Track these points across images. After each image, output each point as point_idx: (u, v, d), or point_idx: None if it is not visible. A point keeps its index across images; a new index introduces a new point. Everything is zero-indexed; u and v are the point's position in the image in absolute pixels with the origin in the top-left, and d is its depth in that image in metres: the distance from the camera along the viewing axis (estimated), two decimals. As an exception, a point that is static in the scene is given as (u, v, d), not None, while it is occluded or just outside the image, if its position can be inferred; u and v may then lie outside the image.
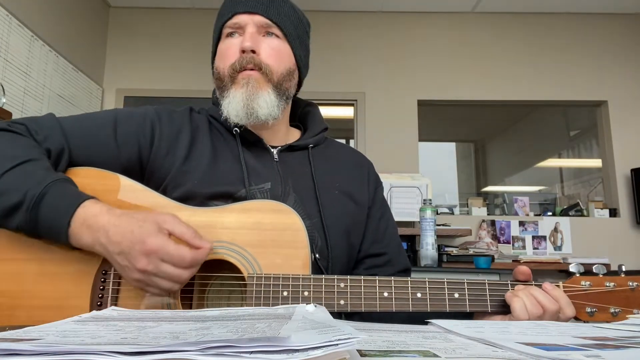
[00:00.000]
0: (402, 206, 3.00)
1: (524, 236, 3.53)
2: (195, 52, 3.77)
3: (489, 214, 3.66)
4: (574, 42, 3.83)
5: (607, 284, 0.74)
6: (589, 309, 0.73)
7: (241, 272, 0.72)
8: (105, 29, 3.84)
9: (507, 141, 5.32)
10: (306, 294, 0.70)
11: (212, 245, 0.68)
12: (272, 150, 0.92)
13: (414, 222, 3.07)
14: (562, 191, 4.76)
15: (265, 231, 0.74)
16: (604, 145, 3.74)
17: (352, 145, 3.69)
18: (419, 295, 0.72)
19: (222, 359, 0.29)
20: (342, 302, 0.71)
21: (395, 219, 1.03)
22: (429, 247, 2.30)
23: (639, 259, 3.44)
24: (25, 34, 2.78)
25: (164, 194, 0.80)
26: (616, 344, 0.41)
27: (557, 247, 3.49)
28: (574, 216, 3.59)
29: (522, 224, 3.55)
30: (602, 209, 3.55)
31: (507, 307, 0.72)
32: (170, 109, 0.93)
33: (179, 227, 0.67)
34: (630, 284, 0.74)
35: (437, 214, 2.70)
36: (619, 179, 3.59)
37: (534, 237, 3.52)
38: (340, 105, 3.90)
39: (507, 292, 0.73)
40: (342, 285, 0.71)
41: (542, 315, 0.69)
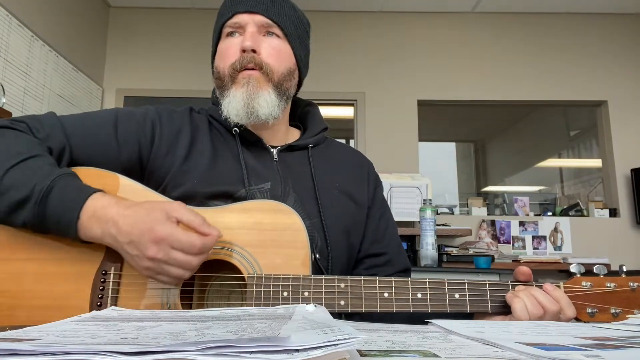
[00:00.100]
0: (402, 206, 3.00)
1: (524, 236, 3.53)
2: (195, 52, 3.77)
3: (489, 214, 3.66)
4: (574, 42, 3.84)
5: (608, 285, 0.74)
6: (589, 310, 0.73)
7: (241, 273, 0.72)
8: (105, 29, 3.84)
9: (507, 141, 5.32)
10: (306, 294, 0.70)
11: (221, 232, 0.68)
12: (271, 150, 0.92)
13: (414, 222, 3.07)
14: (562, 191, 4.76)
15: (265, 231, 0.74)
16: (604, 145, 3.74)
17: (352, 145, 3.69)
18: (420, 295, 0.72)
19: (222, 359, 0.29)
20: (343, 302, 0.71)
21: (395, 219, 1.03)
22: (429, 247, 2.30)
23: (639, 259, 3.44)
24: (25, 34, 2.78)
25: (164, 193, 0.80)
26: (616, 344, 0.41)
27: (557, 247, 3.49)
28: (574, 216, 3.59)
29: (522, 224, 3.55)
30: (602, 209, 3.55)
31: (507, 308, 0.71)
32: (170, 108, 0.93)
33: (187, 215, 0.67)
34: (631, 284, 0.74)
35: (437, 214, 2.70)
36: (619, 179, 3.59)
37: (534, 237, 3.52)
38: (340, 105, 3.90)
39: (507, 292, 0.73)
40: (343, 285, 0.71)
41: (543, 315, 0.69)
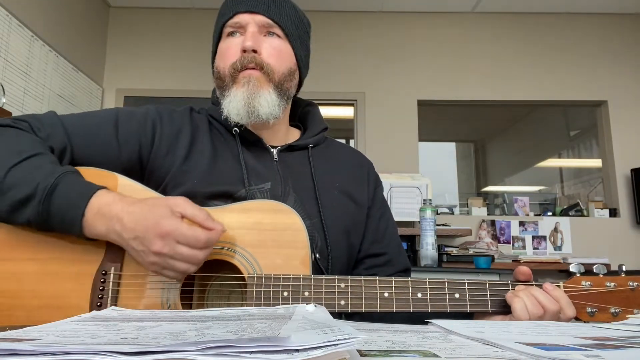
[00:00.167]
0: (402, 206, 2.99)
1: (524, 236, 3.53)
2: (195, 52, 3.77)
3: (489, 214, 3.66)
4: (574, 42, 3.83)
5: (608, 284, 0.74)
6: (589, 309, 0.73)
7: (241, 273, 0.72)
8: (105, 29, 3.84)
9: (507, 141, 5.32)
10: (307, 294, 0.70)
11: (225, 227, 0.68)
12: (271, 150, 0.92)
13: (414, 222, 3.07)
14: (562, 191, 4.76)
15: (265, 231, 0.74)
16: (604, 145, 3.74)
17: (352, 145, 3.69)
18: (420, 295, 0.72)
19: (222, 359, 0.29)
20: (343, 302, 0.71)
21: (395, 219, 1.03)
22: (429, 247, 2.30)
23: (639, 259, 3.44)
24: (25, 34, 2.77)
25: (164, 193, 0.80)
26: (616, 344, 0.41)
27: (557, 247, 3.49)
28: (574, 216, 3.59)
29: (522, 224, 3.55)
30: (602, 209, 3.55)
31: (507, 308, 0.71)
32: (170, 108, 0.93)
33: (191, 210, 0.67)
34: (630, 284, 0.74)
35: (437, 214, 2.70)
36: (619, 179, 3.59)
37: (534, 237, 3.52)
38: (340, 105, 3.90)
39: (507, 292, 0.73)
40: (343, 285, 0.71)
41: (543, 315, 0.69)
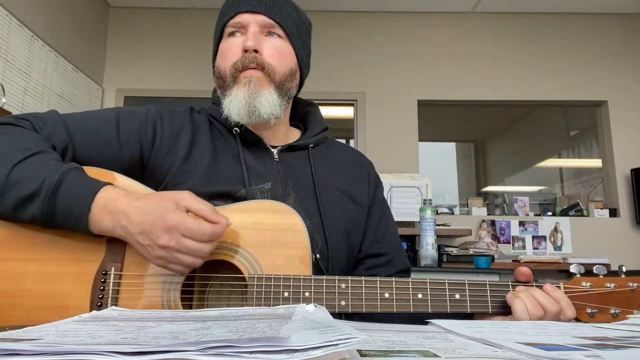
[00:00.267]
0: (402, 206, 2.99)
1: (524, 236, 3.53)
2: (195, 52, 3.77)
3: (489, 214, 3.66)
4: (574, 42, 3.84)
5: (608, 285, 0.74)
6: (589, 310, 0.73)
7: (242, 273, 0.72)
8: (105, 29, 3.84)
9: (507, 141, 5.32)
10: (307, 294, 0.70)
11: (229, 221, 0.68)
12: (272, 150, 0.92)
13: (414, 222, 3.07)
14: (562, 191, 4.76)
15: (265, 231, 0.74)
16: (604, 145, 3.74)
17: (352, 145, 3.69)
18: (420, 296, 0.72)
19: (222, 359, 0.29)
20: (344, 302, 0.71)
21: (395, 219, 1.03)
22: (429, 247, 2.30)
23: (639, 259, 3.44)
24: (25, 34, 2.77)
25: (164, 193, 0.80)
26: (616, 344, 0.41)
27: (557, 247, 3.49)
28: (574, 216, 3.59)
29: (522, 224, 3.55)
30: (602, 209, 3.55)
31: (507, 308, 0.71)
32: (171, 108, 0.93)
33: (196, 204, 0.67)
34: (630, 284, 0.74)
35: (437, 214, 2.70)
36: (619, 179, 3.59)
37: (534, 237, 3.52)
38: (340, 105, 3.90)
39: (508, 293, 0.73)
40: (343, 286, 0.71)
41: (543, 316, 0.69)
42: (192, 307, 0.76)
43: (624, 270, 0.75)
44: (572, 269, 0.76)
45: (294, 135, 0.99)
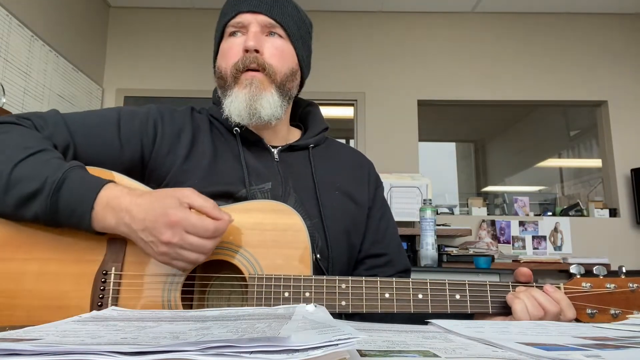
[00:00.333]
0: (402, 206, 2.99)
1: (524, 236, 3.53)
2: (195, 52, 3.77)
3: (489, 214, 3.66)
4: (574, 42, 3.84)
5: (608, 286, 0.74)
6: (589, 311, 0.73)
7: (242, 273, 0.72)
8: (105, 29, 3.84)
9: (507, 141, 5.32)
10: (307, 294, 0.70)
11: (232, 217, 0.68)
12: (272, 150, 0.92)
13: (414, 222, 3.07)
14: (562, 191, 4.76)
15: (266, 231, 0.74)
16: (604, 145, 3.74)
17: (352, 145, 3.69)
18: (421, 296, 0.72)
19: (222, 359, 0.29)
20: (344, 303, 0.71)
21: (395, 219, 1.03)
22: (429, 247, 2.30)
23: (639, 259, 3.44)
24: (25, 34, 2.78)
25: (164, 193, 0.80)
26: (616, 344, 0.41)
27: (557, 247, 3.49)
28: (574, 216, 3.59)
29: (522, 224, 3.55)
30: (602, 209, 3.55)
31: (508, 309, 0.71)
32: (171, 108, 0.93)
33: (199, 200, 0.67)
34: (630, 285, 0.74)
35: (437, 214, 2.70)
36: (619, 179, 3.59)
37: (534, 237, 3.52)
38: (340, 105, 3.90)
39: (508, 293, 0.73)
40: (344, 286, 0.71)
41: (543, 317, 0.69)
42: (193, 307, 0.76)
43: (624, 270, 0.75)
44: (572, 270, 0.76)
45: (295, 135, 0.99)
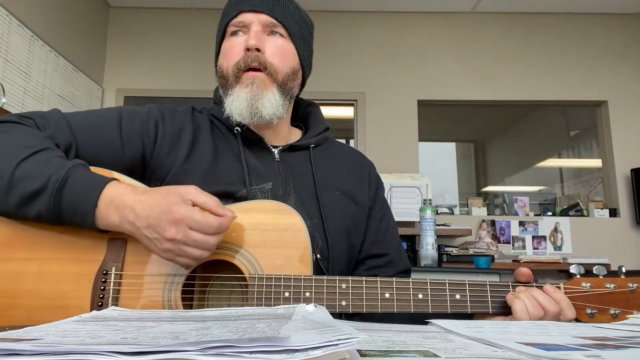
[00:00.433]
0: (402, 206, 2.99)
1: (524, 236, 3.53)
2: (195, 52, 3.77)
3: (489, 214, 3.66)
4: (574, 42, 3.84)
5: (608, 286, 0.74)
6: (589, 311, 0.73)
7: (242, 273, 0.72)
8: (105, 29, 3.84)
9: (507, 141, 5.32)
10: (308, 294, 0.70)
11: (235, 214, 0.68)
12: (273, 150, 0.92)
13: (414, 222, 3.07)
14: (562, 191, 4.76)
15: (266, 231, 0.74)
16: (604, 145, 3.74)
17: (352, 145, 3.69)
18: (421, 296, 0.72)
19: (222, 359, 0.29)
20: (344, 303, 0.71)
21: (395, 219, 1.02)
22: (429, 247, 2.30)
23: (639, 259, 3.44)
24: (25, 34, 2.78)
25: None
26: (616, 344, 0.41)
27: (557, 247, 3.49)
28: (574, 216, 3.59)
29: (522, 224, 3.55)
30: (602, 209, 3.55)
31: (508, 309, 0.72)
32: (172, 108, 0.93)
33: (202, 197, 0.67)
34: (630, 285, 0.74)
35: (437, 214, 2.70)
36: (619, 179, 3.59)
37: (534, 237, 3.52)
38: (340, 105, 3.90)
39: (508, 293, 0.73)
40: (344, 286, 0.71)
41: (543, 317, 0.69)
42: (193, 307, 0.76)
43: (624, 270, 0.75)
44: (572, 270, 0.76)
45: (295, 135, 0.99)
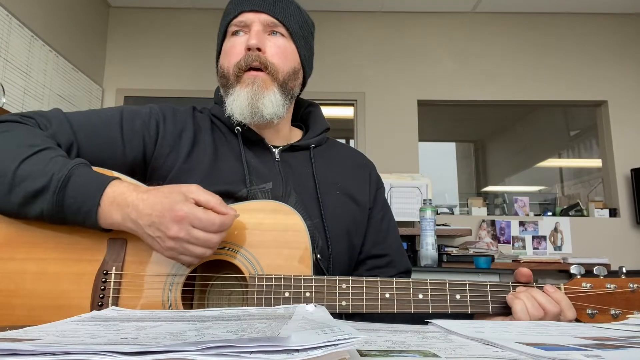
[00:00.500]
0: (402, 206, 3.00)
1: (524, 236, 3.53)
2: (195, 52, 3.77)
3: (489, 214, 3.66)
4: (574, 42, 3.84)
5: (608, 286, 0.74)
6: (589, 311, 0.73)
7: (242, 273, 0.72)
8: (105, 29, 3.84)
9: (507, 141, 5.32)
10: (308, 294, 0.70)
11: (237, 212, 0.69)
12: (273, 150, 0.92)
13: (414, 222, 3.07)
14: (562, 191, 4.76)
15: (266, 232, 0.74)
16: (604, 145, 3.74)
17: (352, 145, 3.69)
18: (421, 296, 0.72)
19: (222, 359, 0.29)
20: (344, 303, 0.71)
21: (395, 219, 1.02)
22: (429, 247, 2.30)
23: (639, 259, 3.44)
24: (25, 34, 2.77)
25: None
26: (616, 344, 0.41)
27: (557, 247, 3.49)
28: (574, 216, 3.59)
29: (522, 224, 3.55)
30: (602, 209, 3.55)
31: (508, 309, 0.71)
32: (173, 107, 0.93)
33: (204, 195, 0.67)
34: (630, 285, 0.74)
35: (437, 214, 2.70)
36: (619, 179, 3.59)
37: (534, 237, 3.52)
38: (340, 105, 3.90)
39: (508, 294, 0.73)
40: (344, 286, 0.71)
41: (543, 317, 0.69)
42: (193, 307, 0.76)
43: (624, 271, 0.75)
44: (573, 270, 0.76)
45: (296, 135, 0.99)
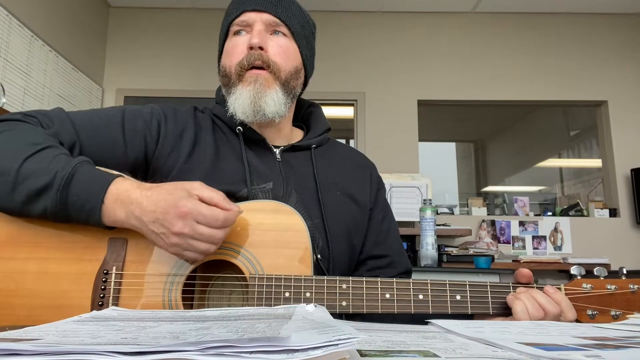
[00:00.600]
0: (402, 206, 2.99)
1: (524, 236, 3.53)
2: (195, 52, 3.76)
3: (489, 214, 3.66)
4: (574, 42, 3.84)
5: (608, 287, 0.74)
6: (590, 312, 0.73)
7: (243, 273, 0.72)
8: (105, 29, 3.84)
9: (507, 141, 5.32)
10: (308, 295, 0.70)
11: (241, 208, 0.69)
12: (274, 150, 0.92)
13: (414, 222, 3.07)
14: (562, 191, 4.75)
15: (267, 232, 0.74)
16: (604, 145, 3.74)
17: (352, 145, 3.69)
18: (421, 297, 0.72)
19: (222, 359, 0.29)
20: (344, 303, 0.71)
21: (395, 219, 1.02)
22: (429, 247, 2.30)
23: (639, 259, 3.44)
24: (25, 34, 2.77)
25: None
26: (616, 344, 0.41)
27: (557, 247, 3.49)
28: (574, 216, 3.59)
29: (522, 224, 3.55)
30: (602, 209, 3.55)
31: (508, 310, 0.71)
32: (175, 107, 0.93)
33: (208, 192, 0.67)
34: (631, 286, 0.74)
35: (437, 214, 2.70)
36: (619, 179, 3.59)
37: (534, 237, 3.52)
38: (340, 105, 3.90)
39: (508, 294, 0.73)
40: (344, 286, 0.71)
41: (544, 318, 0.69)
42: (193, 307, 0.76)
43: (625, 272, 0.75)
44: (573, 271, 0.76)
45: (297, 135, 0.99)
